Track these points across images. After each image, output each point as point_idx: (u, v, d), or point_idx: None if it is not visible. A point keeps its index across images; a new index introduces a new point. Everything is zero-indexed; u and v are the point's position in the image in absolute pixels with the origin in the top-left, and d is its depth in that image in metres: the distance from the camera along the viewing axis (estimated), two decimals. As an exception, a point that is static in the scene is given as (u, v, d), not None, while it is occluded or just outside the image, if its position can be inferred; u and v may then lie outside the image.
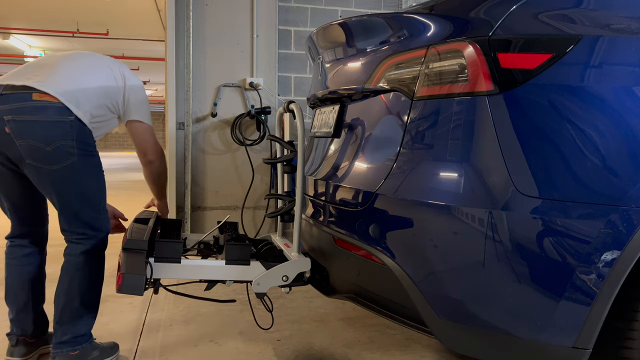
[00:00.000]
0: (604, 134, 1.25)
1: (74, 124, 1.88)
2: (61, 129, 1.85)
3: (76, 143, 1.88)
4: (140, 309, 2.71)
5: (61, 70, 1.98)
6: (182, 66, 3.88)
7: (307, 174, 2.05)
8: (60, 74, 1.96)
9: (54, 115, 1.85)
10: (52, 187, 1.90)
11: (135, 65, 13.75)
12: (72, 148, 1.87)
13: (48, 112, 1.84)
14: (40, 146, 1.82)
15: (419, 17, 1.53)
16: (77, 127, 1.89)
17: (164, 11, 4.30)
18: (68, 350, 1.93)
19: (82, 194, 1.93)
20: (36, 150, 1.83)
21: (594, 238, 1.21)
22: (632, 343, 1.27)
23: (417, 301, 1.39)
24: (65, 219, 1.95)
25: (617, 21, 1.32)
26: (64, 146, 1.85)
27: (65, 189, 1.90)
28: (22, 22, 9.49)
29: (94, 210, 1.98)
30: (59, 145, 1.84)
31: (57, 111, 1.86)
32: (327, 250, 1.77)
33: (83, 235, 1.95)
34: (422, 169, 1.42)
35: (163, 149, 2.28)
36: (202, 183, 4.00)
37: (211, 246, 2.28)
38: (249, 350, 2.23)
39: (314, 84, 2.17)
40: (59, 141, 1.85)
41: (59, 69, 1.98)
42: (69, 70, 1.99)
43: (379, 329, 2.48)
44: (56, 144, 1.84)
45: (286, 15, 4.10)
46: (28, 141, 1.82)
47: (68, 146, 1.86)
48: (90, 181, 1.96)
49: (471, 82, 1.34)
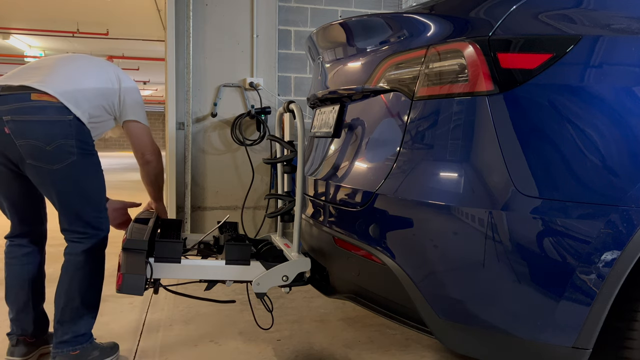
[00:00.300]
0: (604, 134, 1.25)
1: (73, 123, 1.88)
2: (61, 128, 1.86)
3: (76, 142, 1.89)
4: (140, 309, 2.71)
5: (59, 71, 1.98)
6: (182, 66, 3.88)
7: (307, 174, 2.05)
8: (59, 75, 1.96)
9: (53, 114, 1.85)
10: (52, 187, 1.90)
11: (135, 65, 13.75)
12: (72, 147, 1.88)
13: (47, 112, 1.84)
14: (41, 146, 1.83)
15: (419, 17, 1.53)
16: (77, 126, 1.90)
17: (164, 11, 4.30)
18: (68, 350, 1.93)
19: (82, 193, 1.94)
20: (36, 150, 1.83)
21: (594, 238, 1.21)
22: (632, 343, 1.27)
23: (417, 301, 1.39)
24: (66, 218, 1.95)
25: (617, 21, 1.32)
26: (64, 145, 1.86)
27: (66, 189, 1.91)
28: (22, 22, 9.49)
29: (95, 210, 1.98)
30: (59, 145, 1.85)
31: (57, 111, 1.86)
32: (327, 250, 1.77)
33: (84, 235, 1.96)
34: (422, 169, 1.42)
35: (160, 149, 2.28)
36: (202, 183, 4.00)
37: (211, 246, 2.28)
38: (249, 350, 2.23)
39: (314, 84, 2.17)
40: (59, 140, 1.85)
41: (56, 69, 1.99)
42: (67, 71, 2.00)
43: (379, 329, 2.48)
44: (56, 143, 1.84)
45: (286, 15, 4.10)
46: (28, 141, 1.82)
47: (68, 145, 1.87)
48: (90, 180, 1.96)
49: (471, 82, 1.34)
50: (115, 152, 22.35)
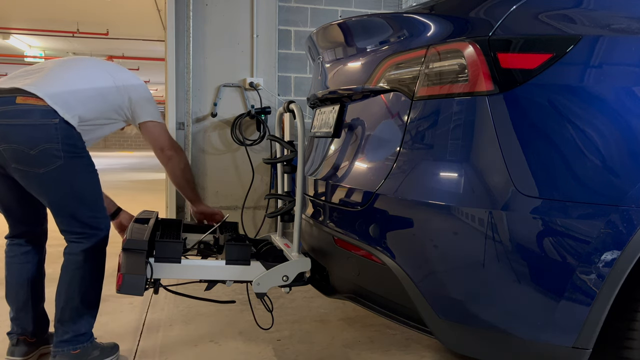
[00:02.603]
0: (604, 134, 1.25)
1: (59, 127, 1.84)
2: (45, 132, 1.82)
3: (62, 146, 1.84)
4: (140, 309, 2.71)
5: (54, 73, 1.96)
6: (182, 66, 3.88)
7: (307, 174, 2.05)
8: (53, 77, 1.94)
9: (38, 118, 1.82)
10: (41, 190, 1.88)
11: (135, 65, 13.77)
12: (58, 151, 1.83)
13: (32, 115, 1.81)
14: (24, 150, 1.79)
15: (419, 17, 1.54)
16: (63, 129, 1.85)
17: (164, 11, 4.30)
18: (69, 349, 1.93)
19: (74, 195, 1.91)
20: (20, 154, 1.80)
21: (594, 238, 1.21)
22: (632, 343, 1.27)
23: (417, 301, 1.39)
24: (62, 220, 1.93)
25: (617, 21, 1.32)
26: (49, 149, 1.82)
27: (56, 192, 1.88)
28: (22, 22, 9.50)
29: (91, 210, 1.96)
30: (43, 149, 1.81)
31: (42, 114, 1.82)
32: (327, 250, 1.77)
33: (82, 235, 1.94)
34: (422, 169, 1.42)
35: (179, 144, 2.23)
36: (202, 183, 4.00)
37: (211, 246, 2.28)
38: (249, 350, 2.23)
39: (314, 84, 2.17)
40: (44, 144, 1.81)
41: (52, 71, 1.97)
42: (62, 73, 1.98)
43: (379, 329, 2.48)
44: (40, 148, 1.80)
45: (286, 15, 4.10)
46: (11, 145, 1.79)
47: (53, 149, 1.82)
48: (81, 181, 1.93)
49: (471, 82, 1.34)
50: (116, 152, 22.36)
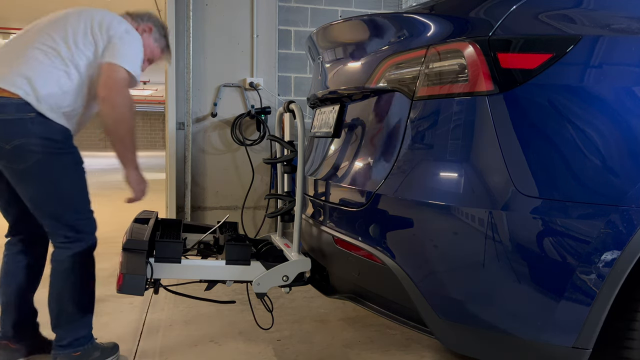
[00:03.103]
0: (604, 134, 1.25)
1: (35, 121, 1.75)
2: (19, 127, 1.74)
3: (40, 140, 1.76)
4: (140, 309, 2.71)
5: (19, 57, 1.81)
6: (182, 66, 3.88)
7: (307, 174, 2.05)
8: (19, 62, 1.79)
9: (12, 112, 1.74)
10: (20, 187, 1.82)
11: (135, 65, 13.72)
12: (35, 146, 1.75)
13: (6, 110, 1.74)
14: (1, 145, 1.74)
15: (419, 17, 1.54)
16: (40, 123, 1.76)
17: (164, 11, 4.29)
18: (70, 351, 1.92)
19: (56, 195, 1.84)
20: None
21: (594, 238, 1.21)
22: (632, 343, 1.27)
23: (417, 301, 1.39)
24: (44, 222, 1.87)
25: (617, 21, 1.32)
26: (24, 144, 1.74)
27: (36, 190, 1.81)
28: (22, 22, 9.49)
29: (75, 212, 1.88)
30: (18, 144, 1.74)
31: (16, 108, 1.74)
32: (327, 250, 1.77)
33: (66, 239, 1.87)
34: (422, 169, 1.42)
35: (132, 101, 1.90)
36: (202, 183, 4.00)
37: (211, 246, 2.28)
38: (249, 350, 2.23)
39: (314, 84, 2.17)
40: (18, 139, 1.74)
41: (18, 52, 1.82)
42: (27, 53, 1.81)
43: (379, 329, 2.48)
44: (15, 143, 1.73)
45: (286, 15, 4.10)
46: None
47: (30, 144, 1.75)
48: (63, 181, 1.84)
49: (471, 82, 1.34)
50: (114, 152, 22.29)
